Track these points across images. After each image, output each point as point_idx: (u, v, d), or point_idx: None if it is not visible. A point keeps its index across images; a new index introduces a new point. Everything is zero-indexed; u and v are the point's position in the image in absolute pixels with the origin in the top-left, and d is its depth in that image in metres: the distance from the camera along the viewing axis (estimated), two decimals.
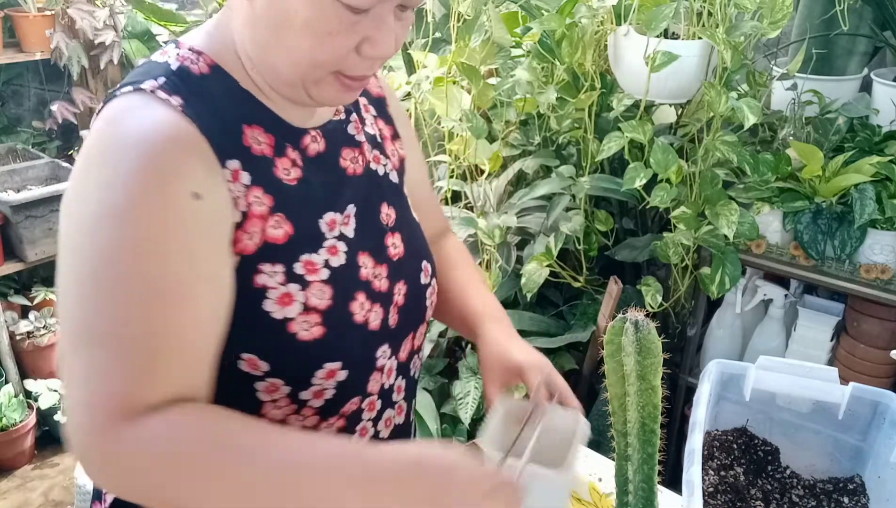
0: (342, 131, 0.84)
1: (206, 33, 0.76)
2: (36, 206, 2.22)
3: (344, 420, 0.83)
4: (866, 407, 0.94)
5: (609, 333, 0.78)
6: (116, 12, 2.44)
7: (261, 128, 0.75)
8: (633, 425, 0.80)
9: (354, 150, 0.85)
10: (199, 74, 0.73)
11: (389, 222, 0.87)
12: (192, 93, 0.71)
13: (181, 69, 0.73)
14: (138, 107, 0.69)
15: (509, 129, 1.89)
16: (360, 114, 0.88)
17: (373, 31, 0.68)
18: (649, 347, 0.76)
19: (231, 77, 0.74)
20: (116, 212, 0.65)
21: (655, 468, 0.81)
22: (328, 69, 0.70)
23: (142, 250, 0.65)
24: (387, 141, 0.91)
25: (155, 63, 0.74)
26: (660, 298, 1.64)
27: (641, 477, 0.81)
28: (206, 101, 0.72)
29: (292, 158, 0.77)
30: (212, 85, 0.73)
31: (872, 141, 1.59)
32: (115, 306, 0.65)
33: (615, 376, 0.80)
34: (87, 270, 0.66)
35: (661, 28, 1.49)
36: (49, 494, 2.27)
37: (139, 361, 0.65)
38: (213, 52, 0.75)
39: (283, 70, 0.71)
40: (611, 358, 0.79)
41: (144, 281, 0.65)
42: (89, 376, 0.65)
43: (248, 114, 0.74)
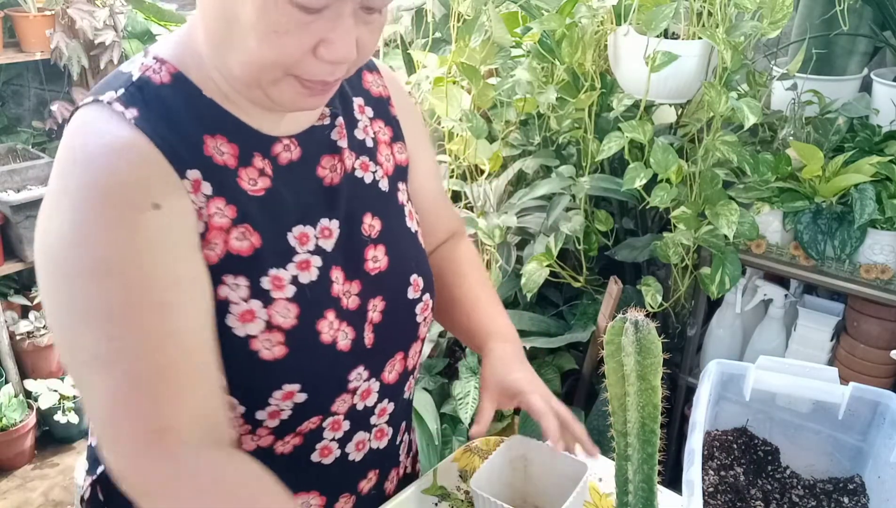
0: (324, 137, 0.79)
1: (174, 41, 0.74)
2: (36, 206, 2.19)
3: (301, 437, 0.80)
4: (866, 406, 0.94)
5: (609, 333, 0.78)
6: (116, 12, 2.44)
7: (224, 137, 0.72)
8: (633, 425, 0.80)
9: (334, 158, 0.80)
10: (158, 84, 0.70)
11: (372, 233, 0.82)
12: (148, 105, 0.69)
13: (141, 79, 0.70)
14: (94, 120, 0.68)
15: (509, 129, 1.89)
16: (349, 117, 0.83)
17: (329, 33, 0.64)
18: (649, 347, 0.76)
19: (194, 85, 0.71)
20: (83, 237, 0.65)
21: (655, 468, 0.81)
22: (282, 70, 0.66)
23: (114, 269, 0.65)
24: (381, 145, 0.86)
25: (119, 73, 0.72)
26: (660, 298, 1.64)
27: (641, 477, 0.81)
28: (163, 112, 0.69)
29: (260, 168, 0.73)
30: (171, 94, 0.70)
31: (872, 141, 1.59)
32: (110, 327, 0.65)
33: (615, 376, 0.79)
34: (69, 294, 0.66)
35: (661, 28, 1.49)
36: (49, 494, 2.27)
37: (154, 382, 0.65)
38: (178, 60, 0.72)
39: (235, 69, 0.67)
40: (611, 358, 0.79)
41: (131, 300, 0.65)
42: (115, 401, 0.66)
43: (211, 124, 0.71)
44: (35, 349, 2.37)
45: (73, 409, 2.38)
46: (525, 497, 0.91)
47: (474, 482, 0.82)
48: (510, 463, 0.90)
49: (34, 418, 2.36)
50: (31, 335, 2.36)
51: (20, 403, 2.32)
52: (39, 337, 2.37)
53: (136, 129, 0.67)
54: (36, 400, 2.36)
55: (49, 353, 2.42)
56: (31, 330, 2.36)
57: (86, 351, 0.65)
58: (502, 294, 1.80)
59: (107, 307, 0.64)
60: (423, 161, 0.93)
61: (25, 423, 2.31)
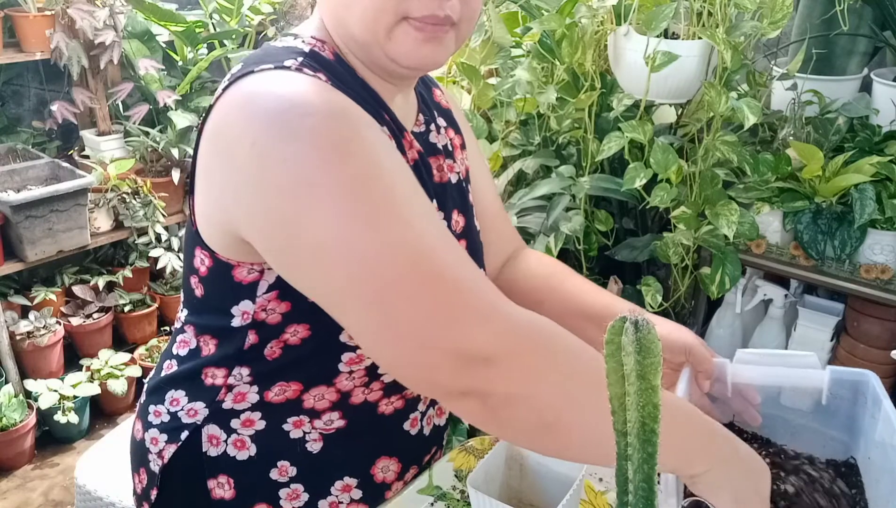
0: (426, 141, 0.87)
1: (315, 27, 0.78)
2: (36, 206, 2.22)
3: (403, 401, 0.88)
4: (847, 388, 0.94)
5: (609, 333, 0.78)
6: (116, 12, 2.44)
7: (375, 116, 0.76)
8: (633, 425, 0.79)
9: (440, 158, 0.88)
10: (328, 59, 0.75)
11: (458, 229, 0.89)
12: (332, 72, 0.73)
13: (313, 52, 0.74)
14: (295, 80, 0.69)
15: (509, 129, 1.89)
16: (435, 123, 0.90)
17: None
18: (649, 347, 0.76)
19: (349, 66, 0.77)
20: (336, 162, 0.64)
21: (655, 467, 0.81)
22: (395, 14, 0.71)
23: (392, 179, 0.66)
24: (457, 150, 0.93)
25: (281, 47, 0.74)
26: (660, 298, 1.64)
27: (642, 477, 0.80)
28: (342, 81, 0.73)
29: (404, 149, 0.80)
30: (339, 71, 0.75)
31: (872, 141, 1.59)
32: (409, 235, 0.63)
33: (615, 376, 0.79)
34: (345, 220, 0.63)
35: (661, 28, 1.49)
36: (49, 494, 2.27)
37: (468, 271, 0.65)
38: (329, 42, 0.77)
39: (355, 29, 0.73)
40: (611, 358, 0.79)
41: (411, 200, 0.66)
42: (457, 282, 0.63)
43: (368, 103, 0.76)
44: (35, 349, 2.37)
45: (72, 409, 2.38)
46: (521, 496, 0.92)
47: (471, 481, 0.83)
48: (506, 462, 0.90)
49: (34, 418, 2.36)
50: (31, 335, 2.36)
51: (20, 403, 2.32)
52: (39, 337, 2.37)
53: (336, 91, 0.70)
54: (36, 400, 2.36)
55: (49, 353, 2.42)
56: (31, 330, 2.36)
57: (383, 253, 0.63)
58: None
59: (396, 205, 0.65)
60: (482, 176, 1.00)
61: (25, 423, 2.31)
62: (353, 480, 0.89)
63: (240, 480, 0.86)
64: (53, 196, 2.24)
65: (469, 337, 0.62)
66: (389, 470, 0.92)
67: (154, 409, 0.89)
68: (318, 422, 0.85)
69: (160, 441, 0.87)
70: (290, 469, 0.86)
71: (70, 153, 2.69)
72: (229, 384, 0.83)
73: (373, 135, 0.68)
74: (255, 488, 0.86)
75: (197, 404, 0.85)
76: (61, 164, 2.44)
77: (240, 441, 0.85)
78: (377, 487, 0.91)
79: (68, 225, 2.34)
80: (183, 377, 0.86)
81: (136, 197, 2.51)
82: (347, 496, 0.89)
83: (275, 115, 0.65)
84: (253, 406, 0.83)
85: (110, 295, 2.59)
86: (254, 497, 0.86)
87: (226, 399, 0.83)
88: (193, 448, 0.85)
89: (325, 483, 0.88)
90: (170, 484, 0.87)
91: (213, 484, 0.86)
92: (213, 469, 0.85)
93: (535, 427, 0.65)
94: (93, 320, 2.53)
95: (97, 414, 2.59)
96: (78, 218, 2.35)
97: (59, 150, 2.71)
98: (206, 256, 0.78)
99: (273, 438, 0.85)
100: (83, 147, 2.67)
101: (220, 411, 0.84)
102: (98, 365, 2.51)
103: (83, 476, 1.71)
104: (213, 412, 0.84)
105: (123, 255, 2.68)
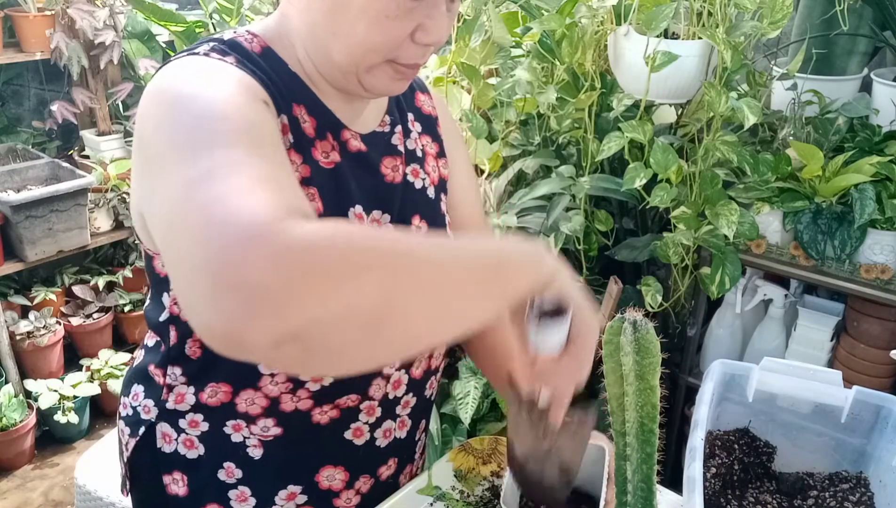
0: (385, 141, 0.86)
1: (265, 23, 0.79)
2: (36, 206, 2.22)
3: (338, 411, 0.85)
4: (869, 410, 0.94)
5: (608, 333, 0.78)
6: (116, 12, 2.44)
7: (305, 108, 0.76)
8: (632, 425, 0.80)
9: (396, 159, 0.86)
10: (249, 49, 0.75)
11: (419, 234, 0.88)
12: (242, 58, 0.73)
13: (233, 41, 0.75)
14: (195, 60, 0.70)
15: (509, 129, 1.89)
16: (404, 127, 0.89)
17: (427, 19, 0.70)
18: (648, 347, 0.76)
19: (281, 60, 0.76)
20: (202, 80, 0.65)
21: (654, 467, 0.81)
22: (382, 56, 0.71)
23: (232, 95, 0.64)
24: (429, 157, 0.92)
25: (206, 38, 0.76)
26: (660, 298, 1.64)
27: (640, 477, 0.81)
28: (257, 68, 0.73)
29: (332, 144, 0.78)
30: (261, 62, 0.75)
31: (872, 141, 1.58)
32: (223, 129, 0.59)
33: (614, 376, 0.79)
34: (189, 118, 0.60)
35: (661, 28, 1.49)
36: (49, 494, 2.27)
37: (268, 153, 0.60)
38: (268, 37, 0.77)
39: (337, 56, 0.72)
40: (609, 358, 0.79)
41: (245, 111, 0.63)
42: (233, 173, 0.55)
43: (296, 94, 0.76)
44: (35, 349, 2.37)
45: (72, 409, 2.38)
46: None
47: (505, 501, 0.82)
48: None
49: (34, 418, 2.36)
50: (31, 335, 2.36)
51: (20, 403, 2.32)
52: (39, 337, 2.37)
53: (238, 68, 0.70)
54: (36, 400, 2.36)
55: (49, 353, 2.42)
56: (31, 330, 2.36)
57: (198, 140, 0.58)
58: None
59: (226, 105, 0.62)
60: (462, 180, 0.98)
61: (25, 423, 2.31)
62: (297, 487, 0.89)
63: (192, 478, 0.87)
64: (53, 196, 2.24)
65: (248, 268, 0.48)
66: (336, 479, 0.91)
67: (123, 401, 0.92)
68: (254, 428, 0.84)
69: (126, 434, 0.90)
70: (235, 471, 0.87)
71: (70, 153, 2.69)
72: (168, 384, 0.85)
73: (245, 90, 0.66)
74: (206, 487, 0.87)
75: (149, 401, 0.87)
76: (61, 164, 2.44)
77: (189, 440, 0.86)
78: (323, 494, 0.90)
79: (68, 225, 2.34)
80: (141, 372, 0.89)
81: None
82: (293, 503, 0.89)
83: (155, 89, 0.65)
84: (192, 407, 0.84)
85: (110, 295, 2.59)
86: (205, 496, 0.87)
87: (168, 399, 0.85)
88: (150, 443, 0.87)
89: (270, 489, 0.88)
90: (135, 476, 0.91)
91: (169, 480, 0.88)
92: (167, 465, 0.87)
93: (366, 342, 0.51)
94: (93, 320, 2.53)
95: (97, 414, 2.59)
96: (78, 218, 2.35)
97: (59, 150, 2.71)
98: (142, 248, 0.80)
99: (217, 440, 0.85)
100: (83, 147, 2.67)
101: (167, 410, 0.86)
102: (98, 365, 2.51)
103: (83, 476, 1.71)
104: (161, 411, 0.86)
105: (123, 255, 2.68)
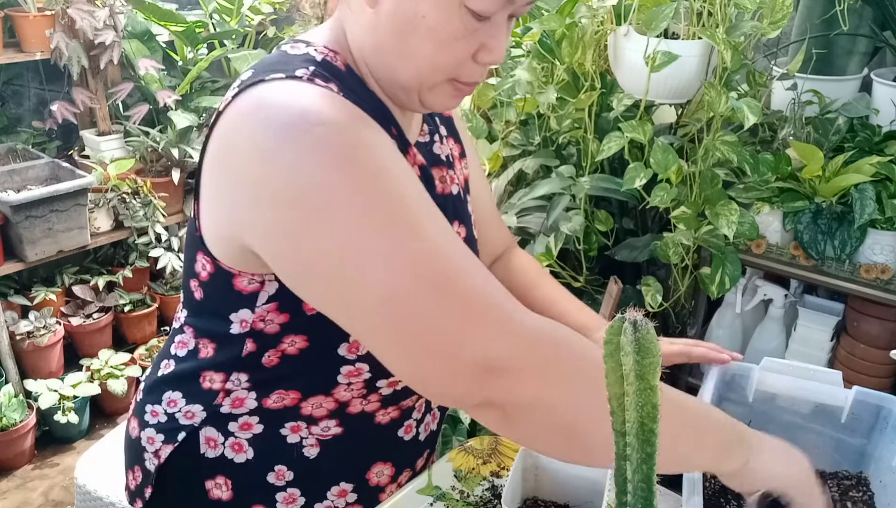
0: (429, 151, 0.87)
1: (332, 36, 0.78)
2: (36, 206, 2.22)
3: (399, 412, 0.88)
4: (869, 411, 0.94)
5: (608, 333, 0.78)
6: (116, 12, 2.44)
7: (384, 127, 0.76)
8: (632, 425, 0.79)
9: (442, 169, 0.88)
10: (338, 70, 0.75)
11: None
12: (342, 81, 0.73)
13: (325, 62, 0.74)
14: (304, 92, 0.68)
15: (509, 129, 1.89)
16: (438, 134, 0.91)
17: (489, 38, 0.71)
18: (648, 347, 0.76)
19: (360, 78, 0.77)
20: (350, 180, 0.63)
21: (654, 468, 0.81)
22: (446, 75, 0.72)
23: (403, 188, 0.65)
24: (457, 160, 0.94)
25: (293, 55, 0.74)
26: (660, 298, 1.64)
27: (640, 477, 0.80)
28: (353, 89, 0.74)
29: (412, 157, 0.81)
30: (350, 82, 0.75)
31: (872, 141, 1.58)
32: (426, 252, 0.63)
33: (614, 376, 0.79)
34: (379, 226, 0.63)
35: (661, 28, 1.49)
36: (49, 494, 2.27)
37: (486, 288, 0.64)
38: (342, 53, 0.77)
39: (403, 75, 0.73)
40: (609, 358, 0.79)
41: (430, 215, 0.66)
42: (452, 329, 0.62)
43: (377, 114, 0.75)
44: (35, 349, 2.37)
45: (72, 409, 2.38)
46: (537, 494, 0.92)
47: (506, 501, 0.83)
48: (522, 473, 0.91)
49: (34, 418, 2.35)
50: (31, 335, 2.36)
51: (20, 403, 2.32)
52: (39, 337, 2.37)
53: (346, 101, 0.70)
54: (36, 400, 2.36)
55: (49, 353, 2.42)
56: (31, 330, 2.36)
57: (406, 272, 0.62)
58: None
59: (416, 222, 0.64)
60: (476, 177, 1.01)
61: (25, 423, 2.31)
62: (348, 485, 0.89)
63: (237, 481, 0.86)
64: (53, 196, 2.24)
65: (486, 348, 0.62)
66: (384, 475, 0.92)
67: (151, 409, 0.89)
68: (315, 428, 0.85)
69: (157, 441, 0.87)
70: (286, 473, 0.86)
71: (70, 153, 2.69)
72: (227, 388, 0.83)
73: (383, 143, 0.68)
74: (253, 490, 0.86)
75: (194, 406, 0.85)
76: (61, 164, 2.44)
77: (237, 444, 0.85)
78: (371, 490, 0.92)
79: (68, 225, 2.34)
80: (180, 378, 0.86)
81: (136, 197, 2.51)
82: (343, 500, 0.90)
83: (283, 125, 0.65)
84: (251, 411, 0.83)
85: (110, 295, 2.59)
86: (251, 499, 0.86)
87: (223, 403, 0.83)
88: (191, 449, 0.85)
89: (322, 488, 0.88)
90: (166, 483, 0.88)
91: (211, 485, 0.86)
92: (210, 470, 0.85)
93: (555, 433, 0.66)
94: (93, 320, 2.53)
95: (97, 414, 2.59)
96: (78, 218, 2.36)
97: (59, 150, 2.71)
98: (208, 262, 0.78)
99: (270, 442, 0.85)
100: (83, 147, 2.67)
101: (218, 414, 0.84)
102: (98, 365, 2.50)
103: (83, 476, 1.71)
104: (211, 415, 0.84)
105: (123, 255, 2.68)
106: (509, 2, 0.69)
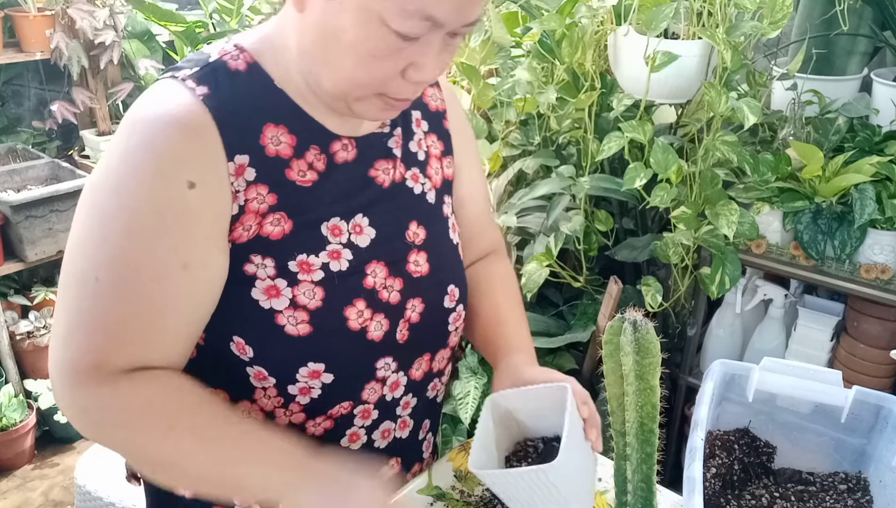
0: (381, 144, 0.84)
1: (258, 35, 0.78)
2: (36, 206, 2.22)
3: (332, 422, 0.84)
4: (869, 410, 0.94)
5: (608, 333, 0.78)
6: (116, 12, 2.44)
7: (286, 127, 0.76)
8: (632, 424, 0.80)
9: (389, 162, 0.84)
10: (233, 70, 0.75)
11: (416, 240, 0.86)
12: (219, 86, 0.73)
13: (218, 62, 0.75)
14: (164, 91, 0.72)
15: (509, 129, 1.89)
16: (407, 130, 0.87)
17: (418, 57, 0.69)
18: (648, 347, 0.76)
19: (268, 76, 0.76)
20: (117, 185, 0.70)
21: (654, 467, 0.81)
22: (371, 90, 0.71)
23: (131, 227, 0.69)
24: (432, 159, 0.90)
25: (200, 53, 0.76)
26: (660, 298, 1.64)
27: (640, 477, 0.81)
28: (230, 95, 0.73)
29: (310, 161, 0.77)
30: (243, 82, 0.75)
31: (872, 141, 1.58)
32: (101, 274, 0.69)
33: (614, 376, 0.79)
34: (86, 231, 0.71)
35: (661, 28, 1.49)
36: (49, 494, 2.27)
37: (114, 329, 0.70)
38: (257, 50, 0.76)
39: (326, 83, 0.72)
40: (609, 358, 0.79)
41: (128, 258, 0.69)
42: (70, 330, 0.71)
43: (277, 113, 0.76)
44: (35, 349, 2.37)
45: None
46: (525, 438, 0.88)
47: (472, 464, 0.77)
48: (500, 423, 0.85)
49: (34, 418, 2.36)
50: (31, 335, 2.36)
51: (20, 403, 2.32)
52: (39, 337, 2.37)
53: (202, 105, 0.71)
54: (36, 400, 2.36)
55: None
56: (31, 330, 2.36)
57: (80, 271, 0.71)
58: None
59: (110, 260, 0.69)
60: (470, 176, 0.97)
61: (25, 423, 2.31)
62: None
63: None
64: (53, 196, 2.24)
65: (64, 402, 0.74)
66: None
67: None
68: None
69: None
70: None
71: (70, 153, 2.69)
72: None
73: (163, 183, 0.70)
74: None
75: None
76: (61, 164, 2.44)
77: None
78: None
79: (68, 225, 2.32)
80: None
81: None
82: None
83: (121, 127, 0.73)
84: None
85: None
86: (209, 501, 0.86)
87: None
88: None
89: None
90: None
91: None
92: None
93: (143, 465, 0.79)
94: None
95: None
96: None
97: (59, 150, 2.71)
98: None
99: None
100: (83, 147, 2.67)
101: None
102: None
103: (83, 476, 1.71)
104: None
105: None
106: (437, 25, 0.66)
